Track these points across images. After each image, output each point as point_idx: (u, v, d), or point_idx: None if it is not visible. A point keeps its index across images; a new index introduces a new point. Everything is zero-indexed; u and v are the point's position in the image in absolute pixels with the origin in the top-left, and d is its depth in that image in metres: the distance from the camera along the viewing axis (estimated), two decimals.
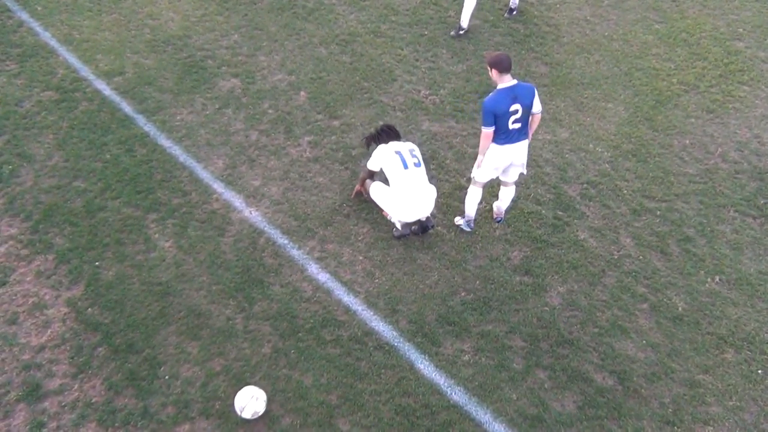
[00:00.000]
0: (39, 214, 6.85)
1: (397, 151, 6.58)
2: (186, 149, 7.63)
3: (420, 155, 6.68)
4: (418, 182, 6.51)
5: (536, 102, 6.09)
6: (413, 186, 6.48)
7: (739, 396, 5.55)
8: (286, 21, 9.67)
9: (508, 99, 5.95)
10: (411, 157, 6.57)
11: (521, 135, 6.16)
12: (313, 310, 6.09)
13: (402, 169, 6.49)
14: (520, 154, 6.27)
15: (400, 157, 6.54)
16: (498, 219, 6.87)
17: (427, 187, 6.60)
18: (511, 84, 5.98)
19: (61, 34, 9.25)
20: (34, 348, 5.76)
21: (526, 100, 6.01)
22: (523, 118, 6.05)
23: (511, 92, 5.96)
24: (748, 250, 6.68)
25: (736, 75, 8.87)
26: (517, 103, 5.97)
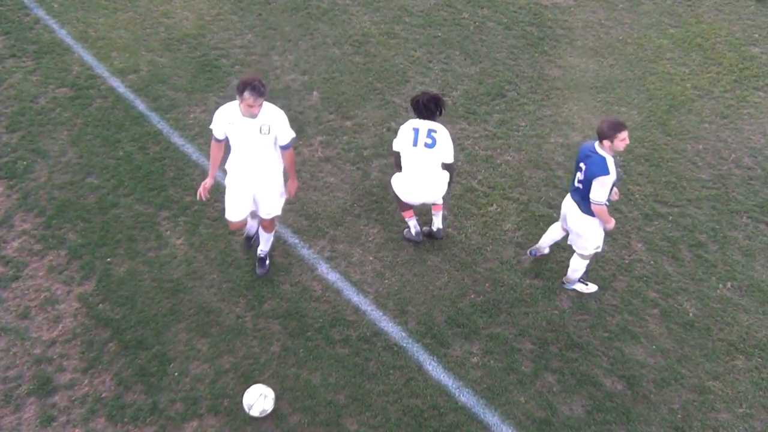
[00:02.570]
0: (52, 209, 6.90)
1: (416, 128, 6.19)
2: (199, 147, 7.67)
3: (442, 138, 6.16)
4: (422, 163, 6.18)
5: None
6: (416, 166, 6.20)
7: (749, 403, 5.51)
8: (300, 21, 9.70)
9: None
10: (426, 136, 6.15)
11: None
12: (323, 310, 6.10)
13: (410, 145, 6.18)
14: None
15: (415, 133, 6.17)
16: (533, 252, 6.61)
17: (433, 171, 6.23)
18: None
19: (77, 32, 9.32)
20: (45, 342, 5.80)
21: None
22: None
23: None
24: (761, 257, 6.63)
25: (751, 80, 8.81)
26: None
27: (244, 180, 5.82)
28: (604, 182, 5.47)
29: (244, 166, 5.77)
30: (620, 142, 5.39)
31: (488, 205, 7.10)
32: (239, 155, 5.71)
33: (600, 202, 5.55)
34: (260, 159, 5.70)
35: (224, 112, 5.55)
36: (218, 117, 5.58)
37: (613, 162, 5.49)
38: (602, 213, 5.63)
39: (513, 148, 7.75)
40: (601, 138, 5.46)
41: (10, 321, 5.95)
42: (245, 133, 5.53)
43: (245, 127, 5.50)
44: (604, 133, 5.41)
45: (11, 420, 5.30)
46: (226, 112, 5.54)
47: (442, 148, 6.16)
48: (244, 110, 5.38)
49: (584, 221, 5.78)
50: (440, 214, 6.66)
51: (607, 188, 5.52)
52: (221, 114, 5.57)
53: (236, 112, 5.48)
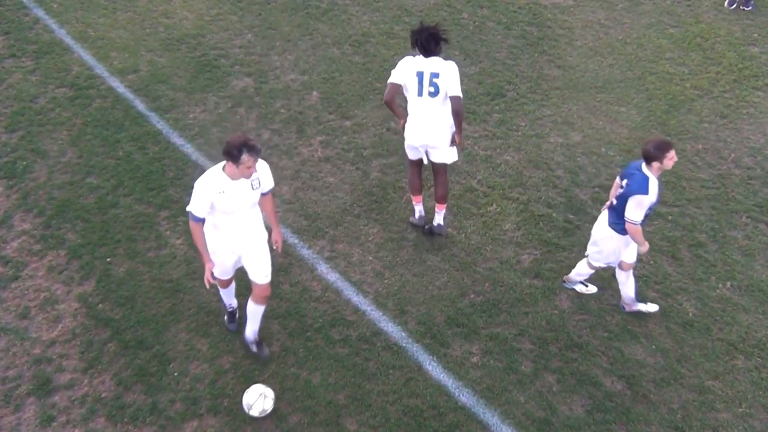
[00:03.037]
0: (52, 209, 6.90)
1: (419, 72, 6.06)
2: (198, 147, 7.67)
3: (447, 82, 6.03)
4: (427, 111, 6.14)
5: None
6: (422, 113, 6.17)
7: (748, 403, 5.51)
8: (300, 21, 9.70)
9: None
10: (429, 84, 6.05)
11: None
12: (322, 310, 6.10)
13: (415, 95, 6.13)
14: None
15: (419, 80, 6.07)
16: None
17: (438, 117, 6.16)
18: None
19: (76, 32, 9.32)
20: (45, 342, 5.80)
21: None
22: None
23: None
24: (760, 257, 6.63)
25: (750, 80, 8.82)
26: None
27: (232, 244, 5.30)
28: (641, 202, 5.32)
29: (233, 230, 5.23)
30: (669, 161, 5.25)
31: (488, 205, 7.10)
32: (228, 220, 5.15)
33: (634, 221, 5.39)
34: (250, 217, 5.26)
35: (210, 186, 4.95)
36: (204, 194, 4.94)
37: (656, 185, 5.34)
38: (636, 233, 5.47)
39: (512, 148, 7.76)
40: (648, 160, 5.30)
41: (9, 321, 5.95)
42: (238, 196, 5.04)
43: (238, 189, 5.02)
44: (652, 154, 5.25)
45: (11, 420, 5.29)
46: (212, 185, 4.95)
47: (446, 89, 6.06)
48: (242, 172, 4.88)
49: (606, 233, 5.68)
50: (443, 212, 6.68)
51: (644, 209, 5.36)
52: (207, 190, 4.94)
53: (223, 179, 4.95)
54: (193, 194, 4.98)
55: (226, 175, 4.97)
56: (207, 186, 4.96)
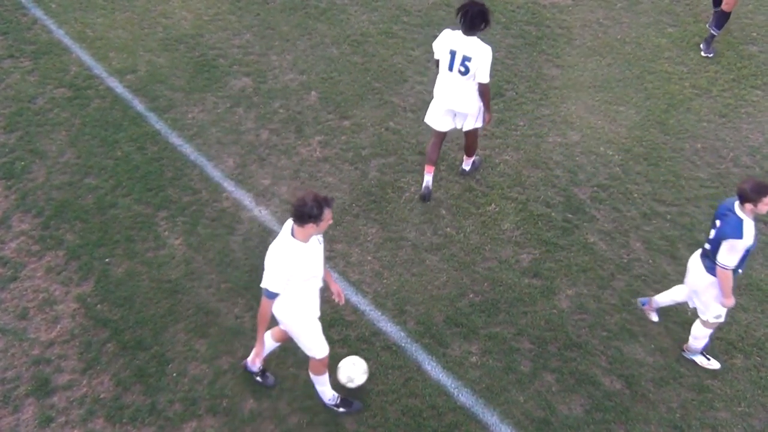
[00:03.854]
0: (50, 210, 6.90)
1: (453, 51, 6.25)
2: (197, 147, 7.67)
3: (478, 67, 6.21)
4: (455, 86, 6.37)
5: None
6: (449, 86, 6.42)
7: (747, 402, 5.52)
8: (298, 21, 9.69)
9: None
10: (460, 64, 6.25)
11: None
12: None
13: (445, 69, 6.39)
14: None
15: (452, 57, 6.28)
16: (644, 302, 6.13)
17: (465, 93, 6.38)
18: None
19: (75, 32, 9.30)
20: (43, 343, 5.80)
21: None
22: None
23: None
24: (759, 256, 6.63)
25: (749, 79, 8.81)
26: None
27: (316, 310, 5.06)
28: (734, 246, 5.04)
29: (315, 295, 4.96)
30: (764, 206, 4.97)
31: (487, 205, 7.10)
32: (308, 286, 4.83)
33: (726, 266, 5.10)
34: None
35: (288, 257, 4.56)
36: (283, 267, 4.55)
37: (752, 226, 5.06)
38: (726, 280, 5.16)
39: (511, 148, 7.75)
40: (742, 200, 5.02)
41: (8, 322, 5.94)
42: (315, 258, 4.74)
43: (312, 251, 4.71)
44: (747, 195, 4.96)
45: (9, 421, 5.29)
46: (294, 256, 4.57)
47: (476, 73, 6.29)
48: (321, 229, 4.58)
49: (705, 279, 5.35)
50: (471, 161, 7.16)
51: (738, 253, 5.07)
52: (285, 262, 4.55)
53: (297, 245, 4.59)
54: (267, 269, 4.58)
55: (299, 241, 4.58)
56: (285, 258, 4.55)
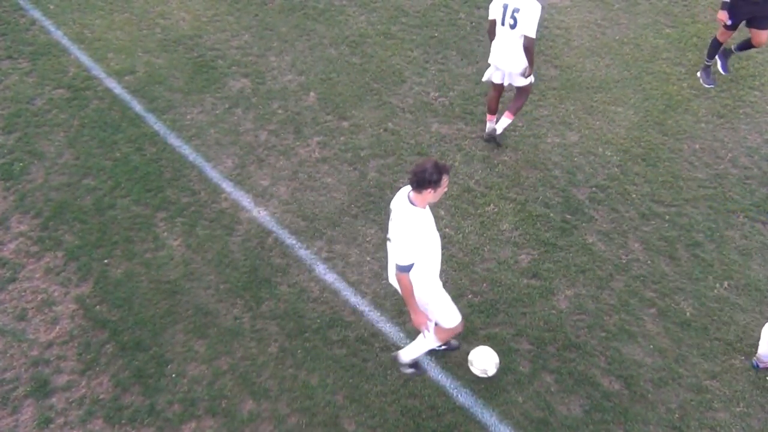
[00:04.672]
0: (49, 211, 6.89)
1: (505, 5, 6.77)
2: (195, 148, 7.67)
3: (524, 17, 6.68)
4: (506, 41, 6.92)
5: None
6: (501, 42, 6.99)
7: (746, 402, 5.52)
8: (297, 22, 9.69)
9: None
10: (510, 17, 6.75)
11: None
12: (320, 311, 6.10)
13: (500, 23, 6.89)
14: None
15: (504, 11, 6.80)
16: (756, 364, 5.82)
17: (513, 47, 6.89)
18: None
19: (73, 33, 9.30)
20: (42, 344, 5.79)
21: None
22: None
23: None
24: (758, 256, 6.64)
25: (747, 80, 8.83)
26: None
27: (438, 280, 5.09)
28: None
29: (438, 259, 4.99)
30: None
31: (485, 205, 7.10)
32: (435, 251, 4.90)
33: None
34: None
35: (418, 226, 4.63)
36: (416, 237, 4.62)
37: None
38: None
39: (510, 148, 7.76)
40: None
41: (7, 323, 5.94)
42: (434, 224, 4.80)
43: (430, 217, 4.77)
44: None
45: (8, 422, 5.29)
46: (419, 224, 4.63)
47: (522, 27, 6.75)
48: (438, 195, 4.62)
49: None
50: (508, 121, 7.54)
51: None
52: (417, 232, 4.62)
53: (421, 213, 4.64)
54: (402, 246, 4.61)
55: (419, 208, 4.63)
56: (413, 227, 4.62)
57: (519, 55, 6.96)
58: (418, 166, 4.49)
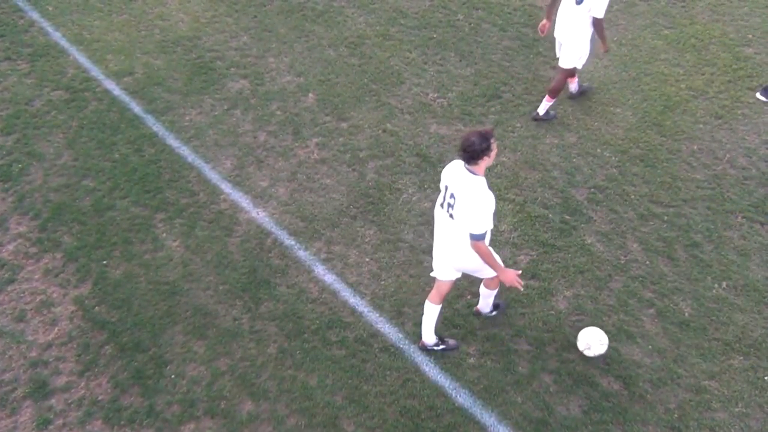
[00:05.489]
0: (48, 212, 6.89)
1: None
2: (194, 149, 7.67)
3: (593, 1, 7.11)
4: (567, 14, 7.40)
5: None
6: (563, 14, 7.50)
7: (745, 402, 5.53)
8: (296, 23, 9.70)
9: None
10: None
11: None
12: (319, 312, 6.10)
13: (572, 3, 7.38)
14: None
15: None
16: None
17: (573, 24, 7.38)
18: None
19: (72, 34, 9.30)
20: (41, 345, 5.79)
21: None
22: None
23: None
24: (756, 257, 6.65)
25: (745, 81, 8.84)
26: None
27: None
28: None
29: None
30: None
31: None
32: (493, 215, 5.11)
33: None
34: None
35: (488, 193, 4.86)
36: (487, 205, 4.83)
37: None
38: None
39: (508, 149, 7.77)
40: None
41: (5, 324, 5.93)
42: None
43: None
44: None
45: (7, 423, 5.28)
46: (487, 191, 4.88)
47: (591, 5, 7.15)
48: (492, 159, 4.87)
49: None
50: (547, 105, 8.00)
51: None
52: (488, 199, 4.84)
53: (484, 181, 4.90)
54: (476, 214, 4.78)
55: (481, 176, 4.88)
56: (484, 195, 4.82)
57: (576, 27, 7.39)
58: (466, 142, 4.74)
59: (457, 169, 4.94)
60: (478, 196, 4.80)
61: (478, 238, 4.85)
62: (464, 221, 4.88)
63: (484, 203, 4.80)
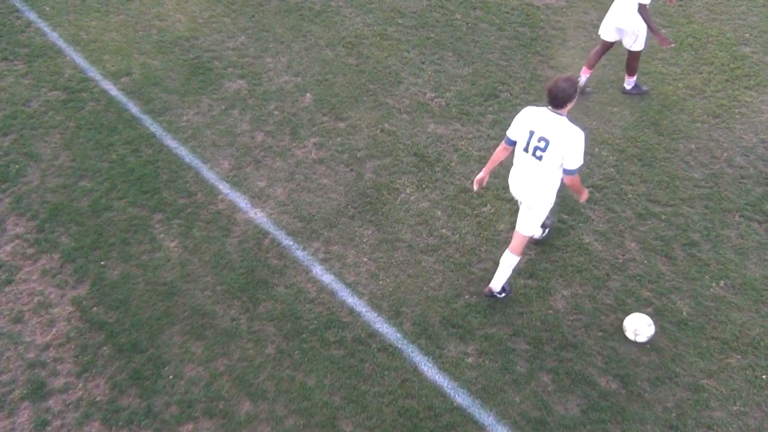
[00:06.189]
0: (45, 213, 6.88)
1: None
2: (192, 150, 7.66)
3: None
4: (620, 5, 7.90)
5: None
6: (615, 6, 8.07)
7: (743, 401, 5.54)
8: (293, 23, 9.70)
9: None
10: None
11: None
12: (318, 312, 6.10)
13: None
14: None
15: None
16: None
17: (625, 16, 7.86)
18: None
19: (69, 35, 9.29)
20: (39, 346, 5.78)
21: None
22: None
23: None
24: (754, 255, 6.66)
25: (742, 80, 8.86)
26: None
27: None
28: None
29: None
30: None
31: (482, 206, 7.11)
32: None
33: None
34: None
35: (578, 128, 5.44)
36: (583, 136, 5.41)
37: None
38: None
39: None
40: None
41: (3, 325, 5.92)
42: None
43: None
44: None
45: (5, 425, 5.27)
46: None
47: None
48: (574, 102, 5.43)
49: None
50: (631, 80, 8.50)
51: None
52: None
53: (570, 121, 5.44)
54: (574, 152, 5.32)
55: (568, 117, 5.41)
56: (581, 132, 5.36)
57: (634, 18, 7.77)
58: (556, 88, 5.26)
59: (542, 115, 5.41)
60: (575, 135, 5.31)
61: (574, 173, 5.41)
62: (562, 160, 5.38)
63: (581, 139, 5.31)
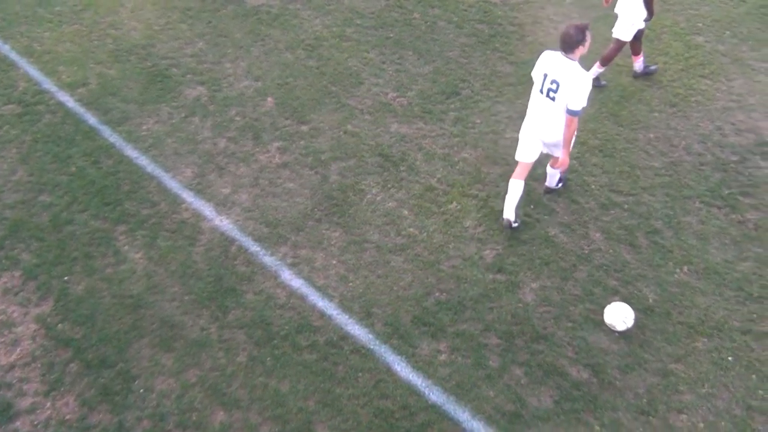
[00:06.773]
0: (4, 230, 6.72)
1: None
2: (153, 159, 7.55)
3: None
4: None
5: None
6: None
7: (711, 383, 5.65)
8: (251, 27, 9.63)
9: None
10: None
11: None
12: (288, 317, 6.07)
13: None
14: None
15: None
16: None
17: (622, 2, 8.28)
18: None
19: (21, 47, 9.10)
20: (3, 367, 5.64)
21: None
22: None
23: None
24: (715, 240, 6.80)
25: (696, 69, 9.04)
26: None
27: None
28: None
29: None
30: None
31: (448, 203, 7.14)
32: None
33: None
34: None
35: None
36: (589, 80, 6.07)
37: None
38: None
39: (470, 146, 7.82)
40: None
41: None
42: None
43: None
44: None
45: None
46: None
47: None
48: (586, 49, 6.10)
49: None
50: (639, 59, 8.73)
51: None
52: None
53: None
54: (579, 93, 5.94)
55: (577, 62, 6.03)
56: (587, 76, 6.02)
57: (629, 4, 8.20)
58: (565, 34, 6.02)
59: (555, 59, 6.13)
60: (581, 77, 5.92)
61: (577, 113, 5.98)
62: (568, 100, 5.95)
63: (586, 82, 5.92)
